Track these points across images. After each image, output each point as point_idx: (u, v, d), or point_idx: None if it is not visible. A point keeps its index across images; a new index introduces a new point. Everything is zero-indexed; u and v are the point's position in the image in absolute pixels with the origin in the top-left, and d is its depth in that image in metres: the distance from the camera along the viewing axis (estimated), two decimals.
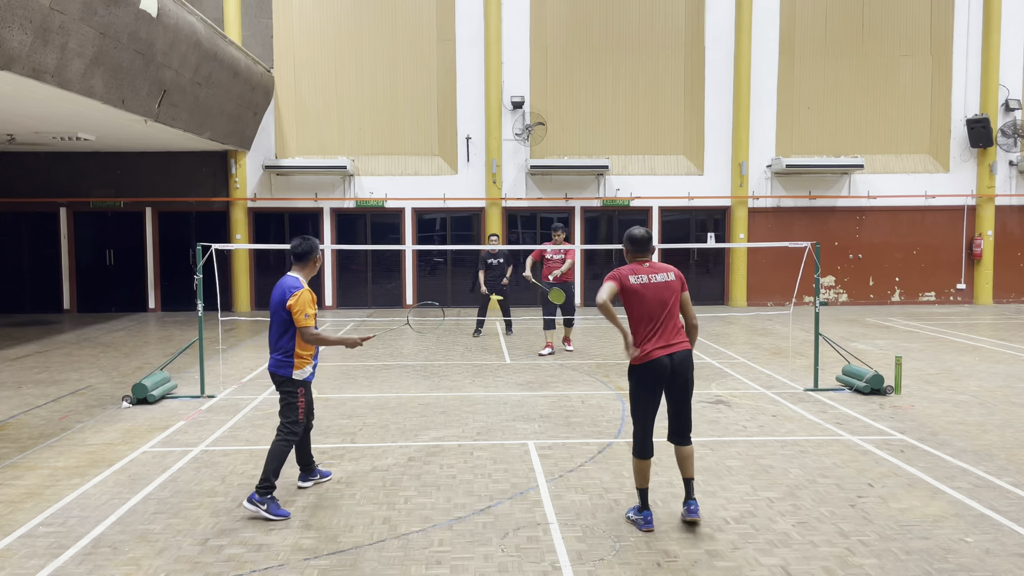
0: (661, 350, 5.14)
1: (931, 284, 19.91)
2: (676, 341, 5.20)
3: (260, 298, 19.35)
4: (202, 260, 9.11)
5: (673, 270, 5.34)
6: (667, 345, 5.16)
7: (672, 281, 5.28)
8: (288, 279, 5.73)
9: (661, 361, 5.13)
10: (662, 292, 5.22)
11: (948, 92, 19.54)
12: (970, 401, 8.84)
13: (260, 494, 5.40)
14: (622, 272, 5.28)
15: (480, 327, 14.51)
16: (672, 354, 5.15)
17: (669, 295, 5.23)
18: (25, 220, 18.93)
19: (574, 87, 19.24)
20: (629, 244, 5.38)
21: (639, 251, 5.36)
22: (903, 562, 4.66)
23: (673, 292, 5.25)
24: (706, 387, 9.72)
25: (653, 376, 5.17)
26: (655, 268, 5.30)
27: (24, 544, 5.00)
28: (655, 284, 5.22)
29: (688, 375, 5.25)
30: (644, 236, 5.40)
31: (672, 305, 5.23)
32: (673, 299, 5.24)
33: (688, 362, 5.24)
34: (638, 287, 5.21)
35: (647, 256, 5.38)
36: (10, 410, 8.73)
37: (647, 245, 5.40)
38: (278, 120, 18.95)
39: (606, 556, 4.76)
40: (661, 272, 5.29)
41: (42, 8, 9.03)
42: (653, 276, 5.25)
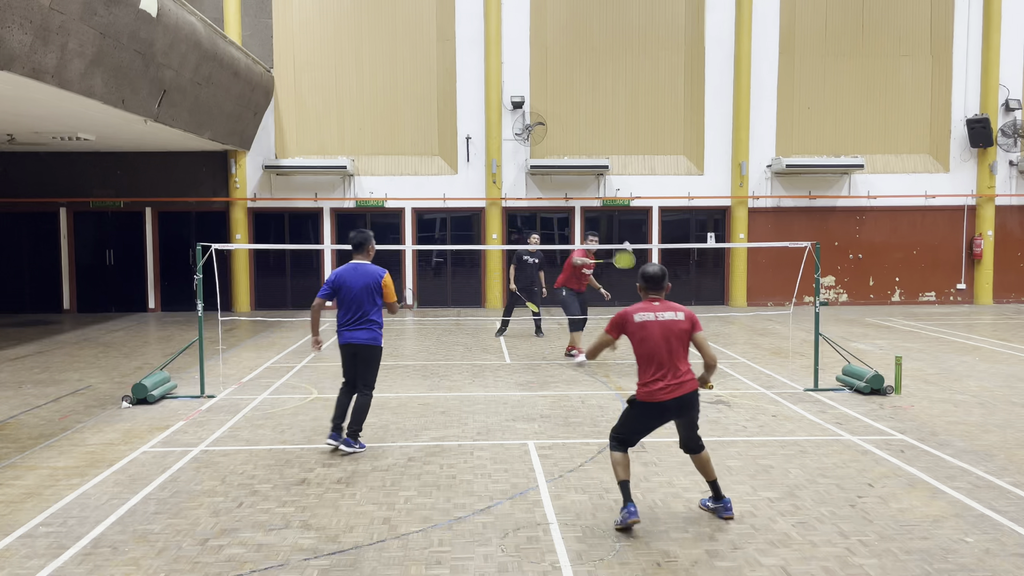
0: (665, 393, 5.12)
1: (931, 284, 19.91)
2: (682, 381, 5.15)
3: (260, 298, 19.36)
4: (202, 260, 9.11)
5: (684, 311, 5.29)
6: (672, 387, 5.12)
7: (680, 321, 5.22)
8: (368, 265, 6.90)
9: (665, 405, 5.14)
10: (667, 331, 5.16)
11: (948, 92, 19.54)
12: (970, 401, 8.84)
13: (353, 439, 6.89)
14: (628, 311, 5.26)
15: (505, 327, 14.18)
16: (678, 397, 5.13)
17: (675, 334, 5.17)
18: (25, 220, 18.93)
19: (574, 87, 19.24)
20: (642, 281, 5.36)
21: (651, 288, 5.32)
22: (903, 562, 4.65)
23: (680, 332, 5.19)
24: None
25: (653, 415, 5.22)
26: (665, 307, 5.26)
27: (24, 544, 5.00)
28: (660, 322, 5.17)
29: (693, 413, 5.28)
30: (658, 274, 5.35)
31: (677, 345, 5.17)
32: (679, 339, 5.18)
33: (693, 403, 5.24)
34: (637, 326, 5.19)
35: (660, 293, 5.33)
36: (10, 410, 8.73)
37: (660, 283, 5.34)
38: (278, 120, 18.95)
39: (606, 556, 4.76)
40: (670, 311, 5.23)
41: (42, 8, 9.03)
42: (660, 314, 5.20)
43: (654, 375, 5.14)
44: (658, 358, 5.14)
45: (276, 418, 8.24)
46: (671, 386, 5.11)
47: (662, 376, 5.12)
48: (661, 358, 5.13)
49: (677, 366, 5.15)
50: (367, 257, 6.98)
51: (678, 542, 4.96)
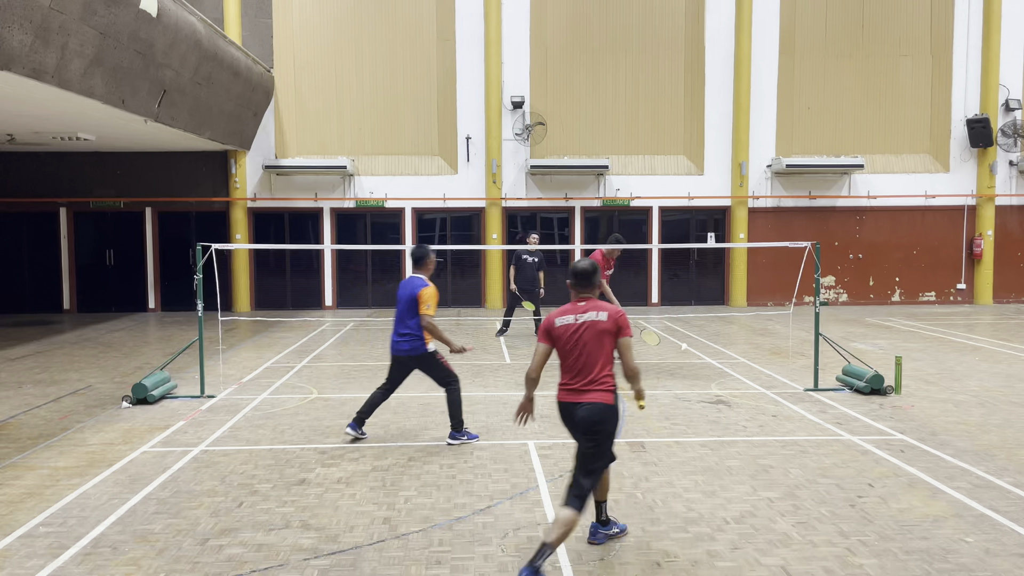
0: (569, 395, 4.72)
1: (931, 284, 19.91)
2: (588, 389, 4.65)
3: (260, 298, 19.36)
4: (202, 260, 9.11)
5: (611, 311, 4.71)
6: (576, 392, 4.69)
7: (601, 322, 4.68)
8: (415, 279, 7.15)
9: (564, 407, 4.76)
10: (584, 332, 4.68)
11: (948, 92, 19.54)
12: (970, 401, 8.84)
13: (457, 430, 7.23)
14: (552, 315, 4.86)
15: (506, 328, 14.18)
16: (579, 404, 4.66)
17: (591, 337, 4.67)
18: (25, 220, 18.93)
19: (574, 87, 19.24)
20: (571, 277, 4.90)
21: (579, 285, 4.87)
22: (903, 562, 4.65)
23: (599, 334, 4.67)
24: (706, 387, 9.72)
25: (563, 419, 4.83)
26: (590, 307, 4.76)
27: (24, 544, 5.00)
28: (578, 324, 4.70)
29: (599, 430, 4.63)
30: (587, 270, 4.87)
31: (592, 348, 4.66)
32: (595, 342, 4.67)
33: (594, 419, 4.63)
34: (560, 330, 4.76)
35: (588, 292, 4.86)
36: (10, 410, 8.73)
37: (588, 280, 4.86)
38: (278, 120, 18.95)
39: (606, 556, 4.76)
40: (592, 311, 4.73)
41: (42, 8, 9.03)
42: (580, 316, 4.72)
43: (564, 375, 4.77)
44: (573, 362, 4.71)
45: (276, 418, 8.24)
46: (576, 390, 4.69)
47: (571, 377, 4.72)
48: (576, 362, 4.70)
49: (591, 371, 4.66)
50: (424, 271, 7.23)
51: (678, 542, 4.96)
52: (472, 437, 7.30)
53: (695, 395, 9.26)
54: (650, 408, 8.58)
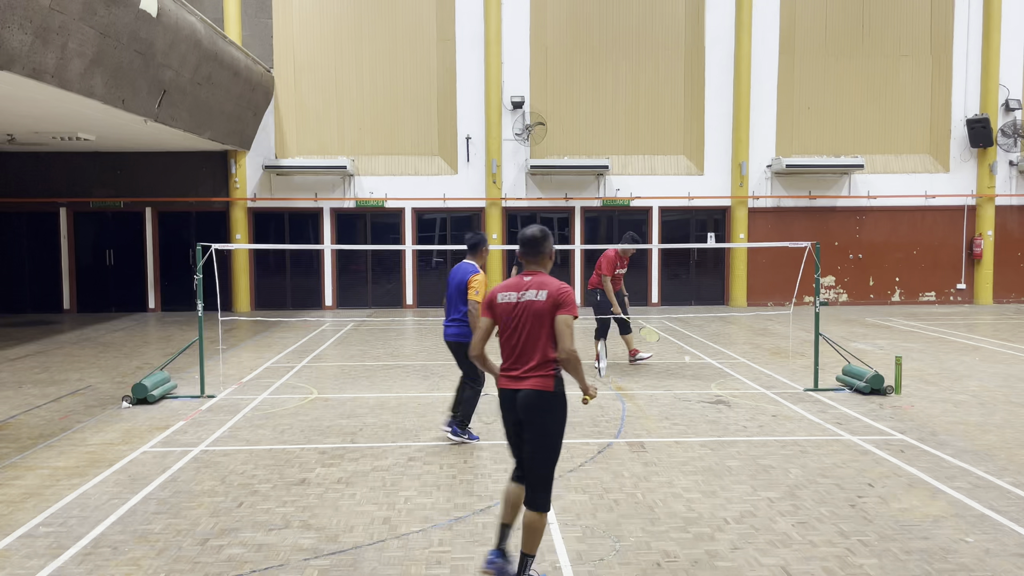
0: (508, 380, 4.33)
1: (931, 284, 19.91)
2: (527, 375, 4.24)
3: (260, 298, 19.36)
4: (202, 260, 9.11)
5: (551, 288, 4.25)
6: (515, 375, 4.30)
7: (540, 302, 4.22)
8: (466, 264, 7.16)
9: (504, 393, 4.36)
10: (522, 312, 4.27)
11: (948, 92, 19.54)
12: (970, 401, 8.84)
13: (461, 428, 7.20)
14: (495, 289, 4.44)
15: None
16: (515, 391, 4.29)
17: (530, 317, 4.24)
18: (25, 220, 18.93)
19: (574, 87, 19.24)
20: (519, 245, 4.47)
21: (526, 254, 4.42)
22: (903, 562, 4.65)
23: (538, 315, 4.22)
24: (706, 387, 9.72)
25: (501, 407, 4.43)
26: (533, 283, 4.30)
27: (24, 544, 5.00)
28: (519, 303, 4.28)
29: (534, 421, 4.24)
30: (534, 236, 4.41)
31: (531, 329, 4.23)
32: (536, 321, 4.23)
33: (533, 405, 4.23)
34: (501, 307, 4.36)
35: (536, 263, 4.41)
36: (10, 410, 8.73)
37: (535, 248, 4.40)
38: (278, 120, 18.95)
39: (606, 556, 4.76)
40: (534, 289, 4.27)
41: (42, 8, 9.03)
42: (523, 294, 4.28)
43: (505, 358, 4.37)
44: (512, 343, 4.31)
45: (276, 418, 8.24)
46: (513, 377, 4.30)
47: (512, 360, 4.32)
48: (514, 343, 4.29)
49: (528, 355, 4.24)
50: (478, 259, 7.24)
51: (678, 542, 4.96)
52: (473, 438, 7.28)
53: (695, 395, 9.26)
54: (650, 408, 8.59)
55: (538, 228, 4.46)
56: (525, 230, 4.46)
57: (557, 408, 4.27)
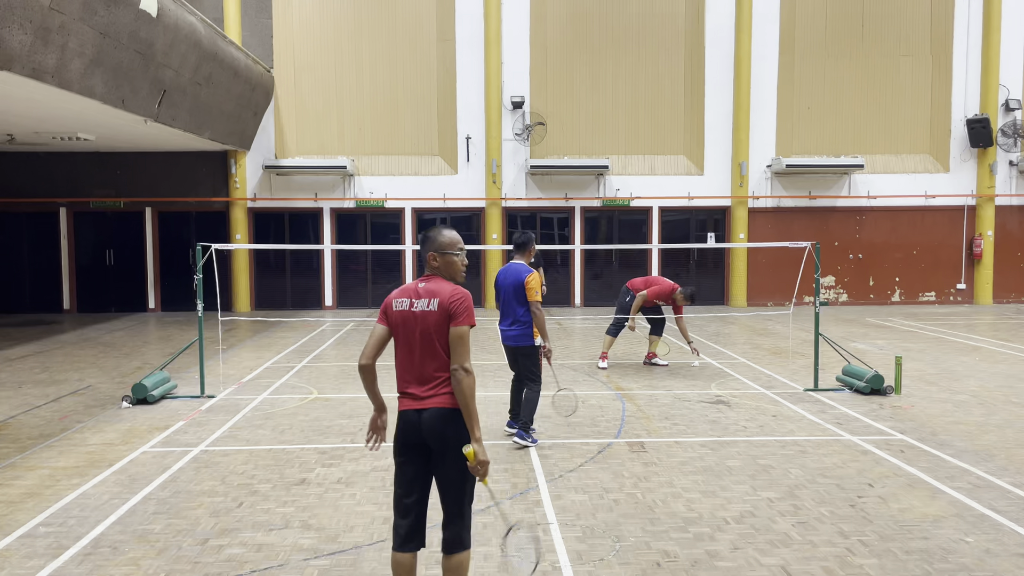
0: (409, 400, 3.80)
1: (931, 284, 19.91)
2: (429, 393, 3.75)
3: (260, 298, 19.36)
4: (202, 260, 9.11)
5: (442, 296, 3.76)
6: (417, 394, 3.77)
7: (430, 312, 3.74)
8: (517, 265, 7.07)
9: (407, 416, 3.79)
10: (415, 324, 3.77)
11: (948, 92, 19.54)
12: (970, 401, 8.84)
13: (527, 431, 7.06)
14: (390, 296, 3.92)
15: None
16: (421, 410, 3.74)
17: (423, 328, 3.75)
18: (25, 220, 18.94)
19: (574, 87, 19.24)
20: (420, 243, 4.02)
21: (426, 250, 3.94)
22: (903, 562, 4.65)
23: (429, 325, 3.74)
24: (706, 387, 9.72)
25: (401, 432, 3.81)
26: (426, 290, 3.82)
27: (24, 544, 5.00)
28: (412, 313, 3.79)
29: (445, 444, 3.70)
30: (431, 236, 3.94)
31: (428, 342, 3.75)
32: (430, 334, 3.75)
33: (440, 425, 3.71)
34: (395, 316, 3.84)
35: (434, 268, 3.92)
36: (10, 410, 8.73)
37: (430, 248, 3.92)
38: (278, 120, 18.95)
39: (606, 556, 4.76)
40: (425, 297, 3.79)
41: (42, 8, 9.03)
42: (416, 303, 3.80)
43: (402, 379, 3.85)
44: (403, 357, 3.84)
45: (276, 418, 8.24)
46: (416, 394, 3.78)
47: (409, 380, 3.82)
48: (410, 358, 3.81)
49: (426, 371, 3.76)
50: (526, 258, 7.15)
51: (678, 542, 4.96)
52: (534, 442, 7.11)
53: (695, 395, 9.26)
54: (650, 408, 8.59)
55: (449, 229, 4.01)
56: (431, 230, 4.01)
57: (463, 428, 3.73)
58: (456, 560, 3.76)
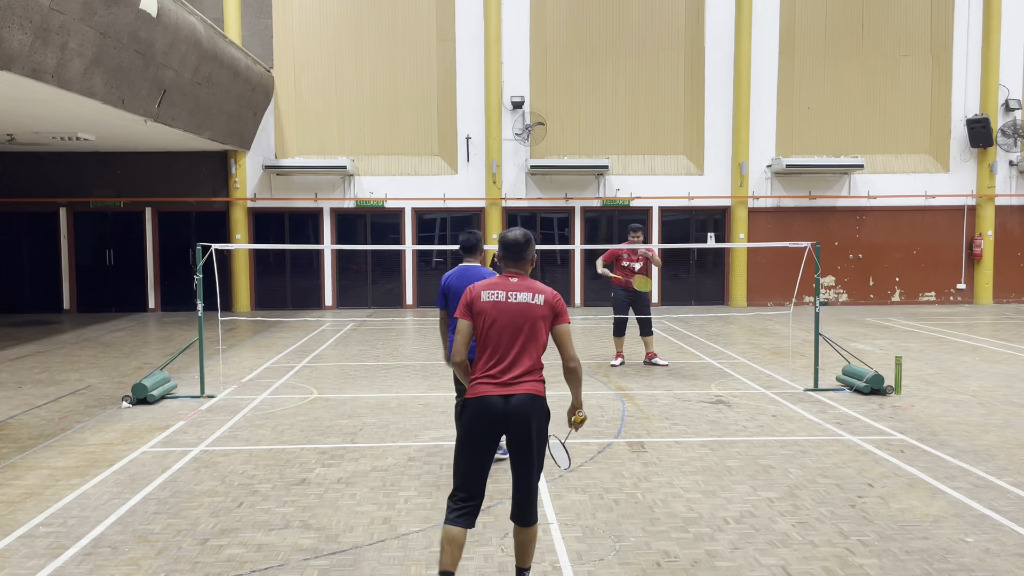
0: (494, 386, 3.97)
1: (931, 284, 19.91)
2: (519, 379, 3.98)
3: (260, 298, 19.36)
4: (202, 260, 9.11)
5: (547, 294, 4.08)
6: (504, 380, 3.97)
7: (537, 305, 4.03)
8: (474, 268, 6.22)
9: (490, 401, 3.96)
10: (516, 315, 4.01)
11: (948, 92, 19.54)
12: (970, 401, 8.84)
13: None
14: (476, 287, 4.13)
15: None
16: (509, 396, 3.95)
17: (525, 321, 4.01)
18: (25, 220, 18.93)
19: (574, 87, 19.24)
20: (500, 248, 4.21)
21: (509, 258, 4.19)
22: (903, 562, 4.65)
23: (532, 319, 4.02)
24: (706, 387, 9.72)
25: (478, 419, 3.99)
26: (523, 286, 4.08)
27: (24, 544, 5.00)
28: (510, 304, 4.02)
29: (529, 428, 3.97)
30: (518, 241, 4.17)
31: (527, 335, 4.01)
32: (530, 327, 4.01)
33: (530, 410, 3.97)
34: (486, 306, 4.04)
35: (520, 267, 4.18)
36: (10, 410, 8.73)
37: (519, 253, 4.16)
38: (278, 120, 18.95)
39: (606, 556, 4.76)
40: (526, 292, 4.05)
41: (42, 8, 9.03)
42: (513, 295, 4.04)
43: (484, 365, 4.03)
44: (494, 344, 4.02)
45: (276, 418, 8.24)
46: (503, 380, 3.98)
47: (496, 366, 4.00)
48: (502, 347, 4.01)
49: (519, 360, 4.00)
50: (481, 260, 6.42)
51: (678, 542, 4.96)
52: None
53: (695, 395, 9.26)
54: (650, 408, 8.59)
55: (521, 232, 4.21)
56: (508, 234, 4.21)
57: (548, 417, 4.12)
58: (532, 531, 4.13)
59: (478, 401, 3.98)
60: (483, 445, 4.03)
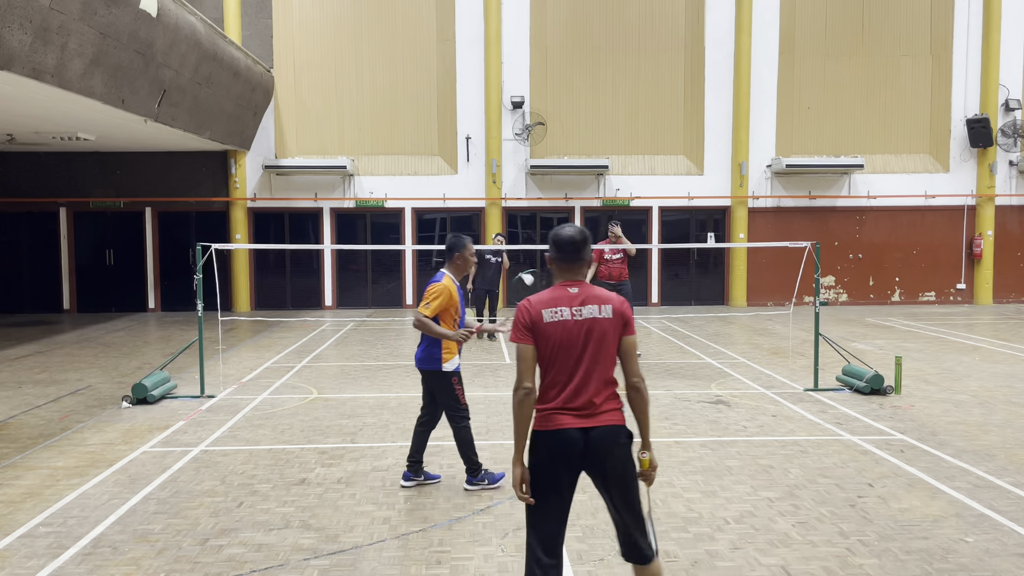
0: (571, 417, 3.43)
1: (931, 284, 19.91)
2: (599, 409, 3.45)
3: (260, 298, 19.36)
4: (202, 260, 9.11)
5: (613, 302, 3.51)
6: (582, 412, 3.44)
7: (605, 319, 3.47)
8: (438, 274, 5.93)
9: (568, 436, 3.41)
10: (586, 334, 3.46)
11: (948, 92, 19.54)
12: (970, 401, 8.84)
13: (474, 475, 5.94)
14: (534, 308, 3.48)
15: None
16: (589, 428, 3.42)
17: (595, 338, 3.46)
18: (25, 220, 18.94)
19: (574, 87, 19.24)
20: (554, 249, 3.60)
21: (566, 261, 3.58)
22: (903, 562, 4.65)
23: (603, 334, 3.47)
24: (706, 387, 9.72)
25: (552, 457, 3.44)
26: (586, 296, 3.50)
27: (24, 544, 5.00)
28: (578, 323, 3.45)
29: (615, 463, 3.45)
30: (574, 239, 3.57)
31: (598, 353, 3.47)
32: (601, 344, 3.47)
33: (613, 443, 3.44)
34: (551, 327, 3.45)
35: (578, 271, 3.59)
36: (10, 410, 8.73)
37: (578, 253, 3.57)
38: (278, 120, 18.95)
39: (606, 556, 4.76)
40: (592, 304, 3.49)
41: (42, 8, 9.03)
42: (578, 310, 3.46)
43: (553, 391, 3.48)
44: (563, 367, 3.47)
45: (276, 418, 8.24)
46: (582, 411, 3.44)
47: (569, 392, 3.45)
48: (573, 372, 3.46)
49: (593, 384, 3.46)
50: (457, 269, 5.92)
51: (678, 542, 4.96)
52: (495, 480, 5.98)
53: (695, 395, 9.26)
54: (650, 408, 8.57)
55: (577, 229, 3.61)
56: (561, 231, 3.60)
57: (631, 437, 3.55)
58: (656, 566, 3.59)
59: (554, 436, 3.42)
60: (564, 487, 3.46)
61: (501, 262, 13.94)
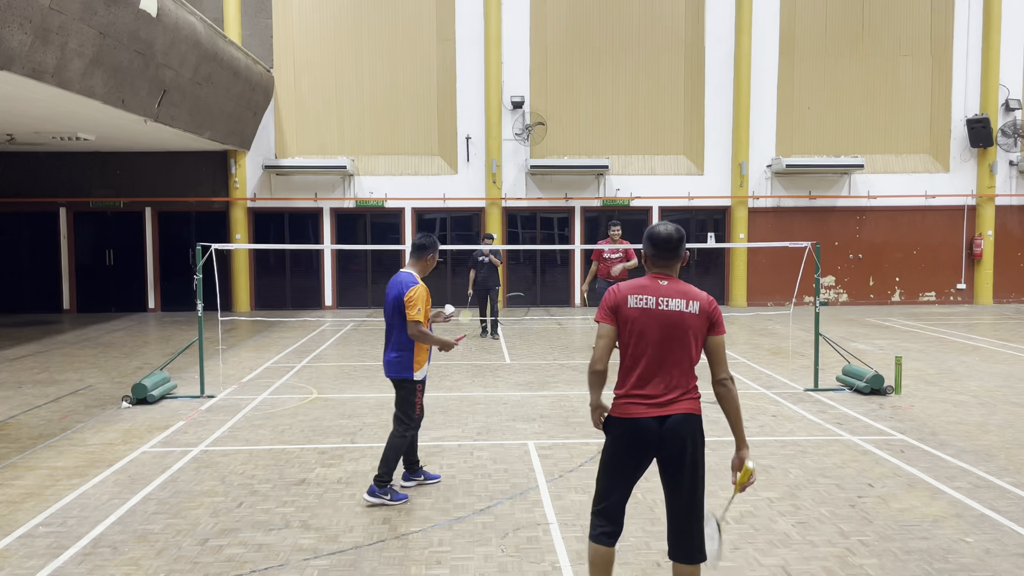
0: (646, 407, 3.62)
1: (931, 284, 19.90)
2: (674, 397, 3.66)
3: (260, 298, 19.36)
4: (202, 260, 9.11)
5: (702, 300, 3.67)
6: (658, 401, 3.62)
7: (691, 314, 3.62)
8: (403, 274, 5.75)
9: (642, 424, 3.61)
10: (668, 325, 3.61)
11: (948, 92, 19.54)
12: (970, 401, 8.84)
13: (380, 486, 5.61)
14: (623, 289, 3.69)
15: (486, 327, 14.17)
16: (664, 417, 3.61)
17: (678, 331, 3.62)
18: (25, 220, 18.93)
19: (574, 87, 19.24)
20: (648, 245, 3.75)
21: (660, 257, 3.73)
22: (903, 562, 4.65)
23: (685, 329, 3.62)
24: (705, 387, 9.69)
25: (627, 443, 3.65)
26: (675, 290, 3.66)
27: (24, 544, 5.00)
28: (662, 312, 3.61)
29: (684, 449, 3.65)
30: (671, 236, 3.71)
31: (681, 345, 3.64)
32: (683, 338, 3.63)
33: (686, 431, 3.65)
34: (634, 313, 3.63)
35: (671, 266, 3.74)
36: (10, 410, 8.73)
37: (674, 251, 3.71)
38: (278, 120, 18.95)
39: None
40: (679, 298, 3.63)
41: (42, 8, 9.03)
42: (665, 301, 3.61)
43: (631, 380, 3.65)
44: (644, 357, 3.64)
45: (276, 418, 8.24)
46: (656, 400, 3.63)
47: (646, 382, 3.63)
48: (653, 362, 3.63)
49: (673, 375, 3.65)
50: (418, 267, 5.82)
51: None
52: (398, 498, 5.64)
53: None
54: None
55: (674, 227, 3.73)
56: (658, 228, 3.73)
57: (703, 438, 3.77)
58: (696, 569, 3.69)
59: (629, 424, 3.63)
60: (629, 469, 3.70)
61: (490, 260, 13.84)
